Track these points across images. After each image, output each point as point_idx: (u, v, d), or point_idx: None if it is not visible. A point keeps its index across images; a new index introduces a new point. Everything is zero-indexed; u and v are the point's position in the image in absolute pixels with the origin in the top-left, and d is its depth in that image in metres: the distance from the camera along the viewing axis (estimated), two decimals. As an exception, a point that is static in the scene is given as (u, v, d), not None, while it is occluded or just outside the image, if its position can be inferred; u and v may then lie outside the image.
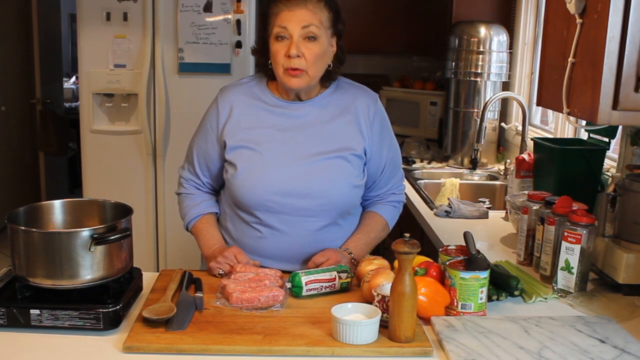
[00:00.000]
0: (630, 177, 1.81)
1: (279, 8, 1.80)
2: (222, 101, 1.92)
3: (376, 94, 1.97)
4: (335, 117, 1.90)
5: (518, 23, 3.58)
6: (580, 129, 2.70)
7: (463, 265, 1.58)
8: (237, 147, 1.87)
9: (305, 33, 1.78)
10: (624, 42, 1.56)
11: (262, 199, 1.83)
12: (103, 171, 3.61)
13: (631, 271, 1.75)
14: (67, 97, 6.54)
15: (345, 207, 1.90)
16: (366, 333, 1.42)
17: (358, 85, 1.98)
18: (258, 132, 1.87)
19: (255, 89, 1.93)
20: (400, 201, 2.06)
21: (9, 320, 1.47)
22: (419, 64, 4.77)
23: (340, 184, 1.86)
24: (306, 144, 1.86)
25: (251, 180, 1.84)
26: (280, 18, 1.79)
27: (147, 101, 3.50)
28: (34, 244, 1.49)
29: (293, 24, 1.78)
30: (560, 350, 1.42)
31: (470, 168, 3.36)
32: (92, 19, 3.45)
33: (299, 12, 1.78)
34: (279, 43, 1.80)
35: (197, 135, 1.98)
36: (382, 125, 1.95)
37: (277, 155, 1.85)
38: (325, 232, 1.89)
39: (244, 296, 1.58)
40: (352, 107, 1.91)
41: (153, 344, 1.40)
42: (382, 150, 1.95)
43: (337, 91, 1.93)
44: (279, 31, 1.79)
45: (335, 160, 1.86)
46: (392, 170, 2.00)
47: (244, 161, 1.85)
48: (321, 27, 1.80)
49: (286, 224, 1.86)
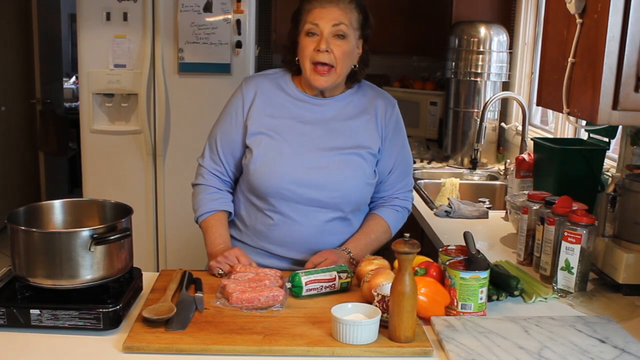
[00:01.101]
0: (630, 177, 1.81)
1: (312, 5, 1.87)
2: (246, 88, 1.95)
3: (395, 100, 2.02)
4: (355, 115, 1.94)
5: (518, 23, 3.58)
6: (580, 129, 2.70)
7: (463, 265, 1.58)
8: (257, 133, 1.89)
9: (336, 31, 1.84)
10: (624, 42, 1.56)
11: (278, 187, 1.86)
12: (103, 171, 3.61)
13: (631, 271, 1.75)
14: (67, 97, 6.54)
15: (357, 202, 1.94)
16: (366, 333, 1.42)
17: (380, 90, 2.03)
18: (279, 122, 1.90)
19: (280, 80, 1.96)
20: (405, 207, 2.06)
21: (9, 320, 1.47)
22: (419, 64, 4.77)
23: (355, 180, 1.89)
24: (325, 138, 1.90)
25: (268, 167, 1.86)
26: (312, 15, 1.85)
27: (147, 101, 3.50)
28: (34, 244, 1.49)
29: (325, 21, 1.83)
30: (560, 350, 1.42)
31: (470, 168, 3.36)
32: (92, 19, 3.45)
33: (331, 9, 1.84)
34: (309, 38, 1.86)
35: (220, 123, 1.98)
36: (396, 129, 1.99)
37: (295, 146, 1.88)
38: (335, 225, 1.92)
39: (244, 296, 1.58)
40: (371, 108, 1.95)
41: (153, 344, 1.41)
42: (392, 151, 1.98)
43: (359, 92, 1.98)
44: (310, 27, 1.85)
45: (352, 156, 1.89)
46: (401, 173, 2.01)
47: (262, 148, 1.88)
48: (350, 27, 1.86)
49: (298, 213, 1.88)
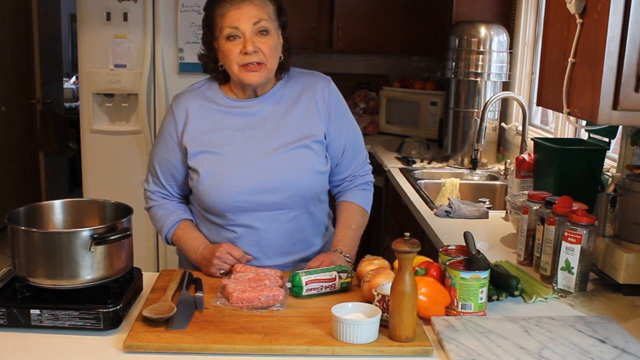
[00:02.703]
0: (631, 177, 1.81)
1: (225, 8, 1.78)
2: (177, 108, 1.90)
3: (329, 77, 1.96)
4: (291, 106, 1.89)
5: (518, 23, 3.58)
6: (581, 129, 2.70)
7: (463, 265, 1.58)
8: (199, 152, 1.86)
9: (257, 28, 1.77)
10: (624, 42, 1.56)
11: (232, 200, 1.83)
12: (103, 171, 3.61)
13: (631, 271, 1.75)
14: (67, 97, 6.54)
15: (313, 194, 1.91)
16: (366, 332, 1.42)
17: (309, 72, 1.97)
18: (217, 135, 1.86)
19: (208, 92, 1.91)
20: (369, 182, 2.04)
21: (9, 320, 1.47)
22: (419, 64, 4.77)
23: (305, 173, 1.86)
24: (267, 139, 1.86)
25: (217, 184, 1.83)
26: (228, 18, 1.77)
27: (147, 101, 3.50)
28: (34, 244, 1.49)
29: (243, 21, 1.76)
30: (560, 350, 1.42)
31: (470, 168, 3.35)
32: (92, 19, 3.45)
33: (247, 8, 1.77)
34: (232, 42, 1.78)
35: (157, 146, 1.96)
36: (338, 107, 1.94)
37: (239, 155, 1.84)
38: (298, 221, 1.90)
39: (244, 296, 1.58)
40: (306, 93, 1.90)
41: (153, 343, 1.40)
42: (340, 132, 1.94)
43: (289, 81, 1.93)
44: (230, 32, 1.77)
45: (298, 150, 1.86)
46: (354, 151, 1.99)
47: (207, 166, 1.84)
48: (270, 21, 1.80)
49: (259, 221, 1.86)
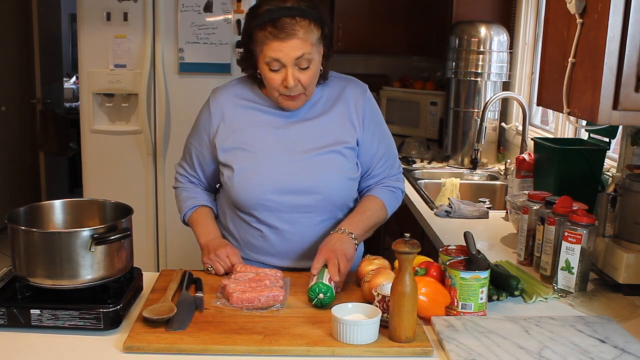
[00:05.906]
0: (631, 177, 1.81)
1: (267, 37, 1.71)
2: (214, 104, 1.91)
3: (365, 84, 1.95)
4: (326, 111, 1.89)
5: (518, 23, 3.58)
6: (581, 129, 2.70)
7: (463, 265, 1.58)
8: (232, 149, 1.86)
9: (299, 63, 1.73)
10: (624, 42, 1.56)
11: (260, 199, 1.83)
12: (103, 171, 3.61)
13: (631, 271, 1.75)
14: (67, 97, 6.54)
15: (342, 200, 1.90)
16: (366, 333, 1.42)
17: (346, 77, 1.96)
18: (251, 132, 1.87)
19: (247, 89, 1.92)
20: (398, 187, 2.00)
21: (9, 320, 1.47)
22: (419, 64, 4.77)
23: (335, 179, 1.85)
24: (300, 140, 1.86)
25: (248, 181, 1.84)
26: (270, 48, 1.71)
27: (147, 101, 3.50)
28: (34, 244, 1.49)
29: (285, 54, 1.71)
30: (560, 350, 1.42)
31: (470, 168, 3.35)
32: (92, 19, 3.45)
33: (291, 42, 1.70)
34: (273, 72, 1.75)
35: (192, 134, 1.98)
36: (372, 116, 1.93)
37: (271, 154, 1.84)
38: (324, 226, 1.89)
39: (244, 296, 1.58)
40: (342, 100, 1.89)
41: (153, 344, 1.40)
42: (373, 140, 1.93)
43: (327, 86, 1.92)
44: (271, 62, 1.73)
45: (330, 155, 1.85)
46: (387, 159, 1.97)
47: (240, 162, 1.85)
48: (313, 50, 1.74)
49: (286, 222, 1.86)
